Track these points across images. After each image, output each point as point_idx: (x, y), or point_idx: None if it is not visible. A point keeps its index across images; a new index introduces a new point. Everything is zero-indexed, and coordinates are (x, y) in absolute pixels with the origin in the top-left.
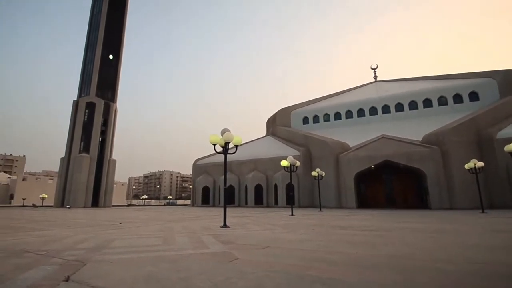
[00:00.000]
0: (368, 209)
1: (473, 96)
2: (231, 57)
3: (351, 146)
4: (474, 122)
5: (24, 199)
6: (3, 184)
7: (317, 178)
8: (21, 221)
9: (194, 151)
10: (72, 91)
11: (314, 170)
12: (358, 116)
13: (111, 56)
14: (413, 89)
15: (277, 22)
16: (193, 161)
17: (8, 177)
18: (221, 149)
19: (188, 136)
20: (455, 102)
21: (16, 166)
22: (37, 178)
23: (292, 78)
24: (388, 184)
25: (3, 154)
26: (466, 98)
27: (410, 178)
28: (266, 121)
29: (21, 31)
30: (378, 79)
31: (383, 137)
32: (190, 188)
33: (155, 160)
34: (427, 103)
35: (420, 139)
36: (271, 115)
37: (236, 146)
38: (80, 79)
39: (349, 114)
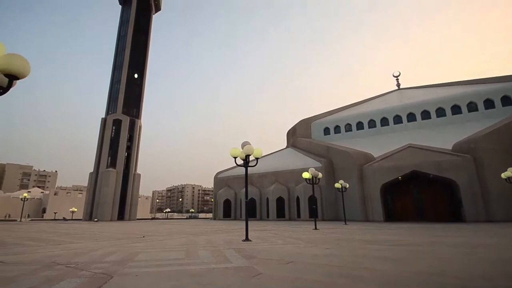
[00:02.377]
0: (396, 223)
1: (506, 101)
2: (250, 70)
3: (375, 156)
4: (509, 128)
5: (55, 213)
6: (36, 198)
7: (340, 190)
8: (53, 234)
9: (216, 164)
10: (100, 109)
11: (337, 182)
12: (381, 125)
13: (136, 75)
14: (440, 96)
15: (297, 35)
16: (214, 174)
17: (41, 192)
18: (242, 162)
19: (209, 149)
20: (486, 108)
21: (48, 181)
22: (67, 193)
23: (312, 90)
24: (417, 195)
25: (37, 170)
26: (498, 103)
27: (441, 189)
28: (286, 133)
29: (50, 52)
30: (401, 87)
31: (409, 146)
32: (211, 201)
33: (177, 173)
34: (456, 109)
35: (450, 148)
36: (291, 126)
37: (257, 158)
38: (108, 98)
39: (372, 124)
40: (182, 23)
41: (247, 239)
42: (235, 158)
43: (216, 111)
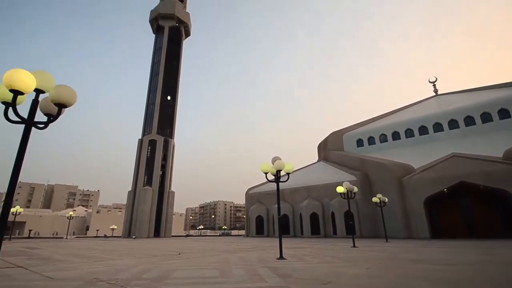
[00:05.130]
0: (444, 240)
1: None
2: (280, 84)
3: (415, 167)
4: None
5: (97, 230)
6: (81, 217)
7: (379, 205)
8: (95, 250)
9: (247, 179)
10: (137, 131)
11: (375, 196)
12: (420, 134)
13: (168, 98)
14: (484, 99)
15: (323, 47)
16: (246, 190)
17: (85, 210)
18: (273, 177)
19: (240, 165)
20: None
21: (91, 200)
22: (108, 211)
23: (343, 101)
24: (466, 209)
25: (82, 190)
26: None
27: (494, 201)
28: (317, 146)
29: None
30: (438, 93)
31: (454, 155)
32: (243, 217)
33: (209, 190)
34: (504, 113)
35: (500, 155)
36: (322, 139)
37: (288, 173)
38: (143, 119)
39: (409, 133)
40: (210, 30)
41: (281, 257)
42: (266, 173)
43: (246, 125)
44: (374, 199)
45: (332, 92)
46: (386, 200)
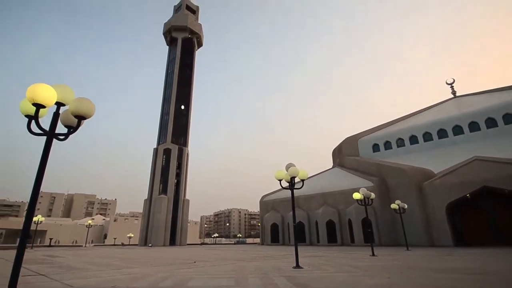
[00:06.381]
0: (469, 247)
1: None
2: (293, 89)
3: (435, 172)
4: None
5: (115, 239)
6: (99, 225)
7: (398, 212)
8: (113, 259)
9: (261, 187)
10: (152, 140)
11: (393, 202)
12: (439, 138)
13: (182, 107)
14: (506, 100)
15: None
16: (260, 198)
17: (103, 219)
18: (287, 184)
19: (254, 172)
20: None
21: (109, 209)
22: (125, 219)
23: (356, 107)
24: (492, 215)
25: (100, 198)
26: None
27: None
28: (331, 152)
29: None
30: (457, 94)
31: (476, 159)
32: (258, 225)
33: (223, 197)
34: None
35: None
36: (336, 145)
37: (302, 180)
38: (158, 128)
39: (427, 136)
40: (223, 38)
41: (297, 266)
42: (280, 180)
43: (259, 131)
44: (393, 206)
45: (347, 97)
46: (406, 206)
